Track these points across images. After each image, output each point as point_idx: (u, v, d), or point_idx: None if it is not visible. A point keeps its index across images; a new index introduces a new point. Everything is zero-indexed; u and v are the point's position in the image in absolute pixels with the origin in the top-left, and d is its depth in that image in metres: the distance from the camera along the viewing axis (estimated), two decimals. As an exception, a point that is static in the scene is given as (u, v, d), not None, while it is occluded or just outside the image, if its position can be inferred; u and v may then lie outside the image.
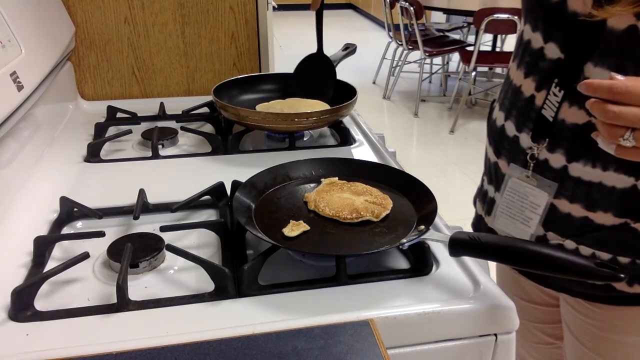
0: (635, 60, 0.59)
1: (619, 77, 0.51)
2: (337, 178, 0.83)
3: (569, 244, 0.70)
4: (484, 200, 0.84)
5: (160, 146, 1.03)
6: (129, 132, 1.04)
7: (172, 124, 1.13)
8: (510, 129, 0.75)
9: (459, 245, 0.62)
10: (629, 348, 0.73)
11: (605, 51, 0.61)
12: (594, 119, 0.53)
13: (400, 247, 0.66)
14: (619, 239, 0.67)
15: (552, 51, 0.67)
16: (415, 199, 0.77)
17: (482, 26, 3.32)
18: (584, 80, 0.52)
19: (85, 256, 0.65)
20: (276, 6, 1.70)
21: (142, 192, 0.80)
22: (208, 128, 1.14)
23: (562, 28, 0.65)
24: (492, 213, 0.80)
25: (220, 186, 0.82)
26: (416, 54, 4.03)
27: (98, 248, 0.70)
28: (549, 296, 0.86)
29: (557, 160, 0.69)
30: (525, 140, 0.72)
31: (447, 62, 4.75)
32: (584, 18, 0.61)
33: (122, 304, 0.60)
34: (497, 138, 0.79)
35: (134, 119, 1.15)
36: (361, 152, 1.02)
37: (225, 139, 1.03)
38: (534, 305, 0.89)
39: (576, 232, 0.69)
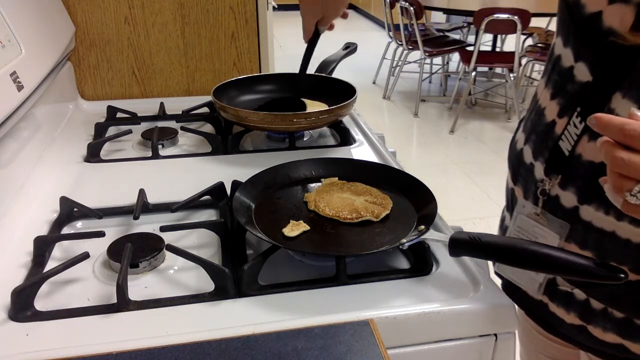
0: None
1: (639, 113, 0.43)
2: (337, 178, 0.83)
3: (578, 293, 0.64)
4: (501, 226, 0.79)
5: (160, 146, 1.03)
6: (129, 132, 1.04)
7: (172, 124, 1.13)
8: (528, 154, 0.68)
9: (459, 245, 0.61)
10: None
11: (637, 80, 0.52)
12: None
13: (400, 247, 0.66)
14: (634, 298, 0.58)
15: (582, 72, 0.58)
16: (415, 199, 0.77)
17: (482, 26, 3.32)
18: (595, 114, 0.44)
19: (85, 256, 0.65)
20: (276, 6, 1.70)
21: (142, 192, 0.80)
22: (208, 128, 1.14)
23: (594, 46, 0.56)
24: None
25: (220, 186, 0.82)
26: (416, 54, 4.03)
27: (98, 248, 0.70)
28: None
29: (568, 199, 0.61)
30: (539, 170, 0.65)
31: (447, 62, 4.75)
32: (614, 40, 0.52)
33: (122, 304, 0.60)
34: (515, 162, 0.73)
35: (134, 119, 1.15)
36: (361, 152, 1.02)
37: (225, 139, 1.03)
38: (549, 341, 0.82)
39: (586, 283, 0.62)
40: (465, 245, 0.61)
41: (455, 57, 4.69)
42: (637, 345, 0.61)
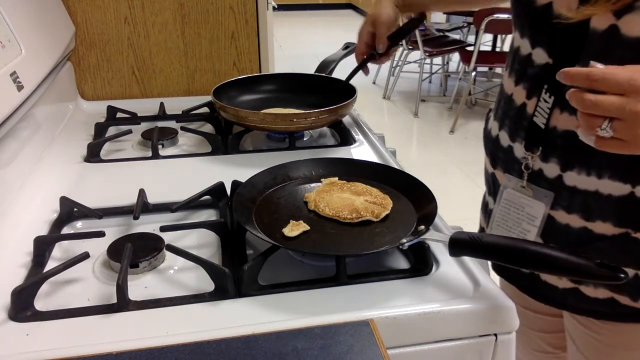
0: (618, 59, 0.58)
1: (599, 65, 0.51)
2: (337, 178, 0.83)
3: None
4: (485, 211, 0.83)
5: (160, 146, 1.02)
6: (129, 132, 1.04)
7: (172, 124, 1.13)
8: (505, 138, 0.75)
9: (459, 245, 0.61)
10: None
11: (590, 52, 0.61)
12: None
13: (400, 247, 0.66)
14: (620, 250, 0.65)
15: (540, 56, 0.67)
16: (415, 199, 0.77)
17: (482, 26, 3.32)
18: (562, 69, 0.51)
19: (85, 256, 0.65)
20: (276, 6, 1.70)
21: (142, 192, 0.80)
22: (208, 128, 1.14)
23: (548, 32, 0.65)
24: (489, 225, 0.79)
25: (220, 186, 0.82)
26: (416, 54, 4.03)
27: (98, 248, 0.70)
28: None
29: (551, 169, 0.68)
30: (519, 150, 0.71)
31: (447, 62, 4.75)
32: (561, 21, 0.60)
33: (122, 304, 0.60)
34: (492, 148, 0.79)
35: (134, 119, 1.15)
36: (361, 152, 1.02)
37: (225, 139, 1.03)
38: (536, 314, 0.87)
39: (576, 243, 0.68)
40: (465, 245, 0.61)
41: (455, 57, 4.68)
42: (625, 297, 0.66)
